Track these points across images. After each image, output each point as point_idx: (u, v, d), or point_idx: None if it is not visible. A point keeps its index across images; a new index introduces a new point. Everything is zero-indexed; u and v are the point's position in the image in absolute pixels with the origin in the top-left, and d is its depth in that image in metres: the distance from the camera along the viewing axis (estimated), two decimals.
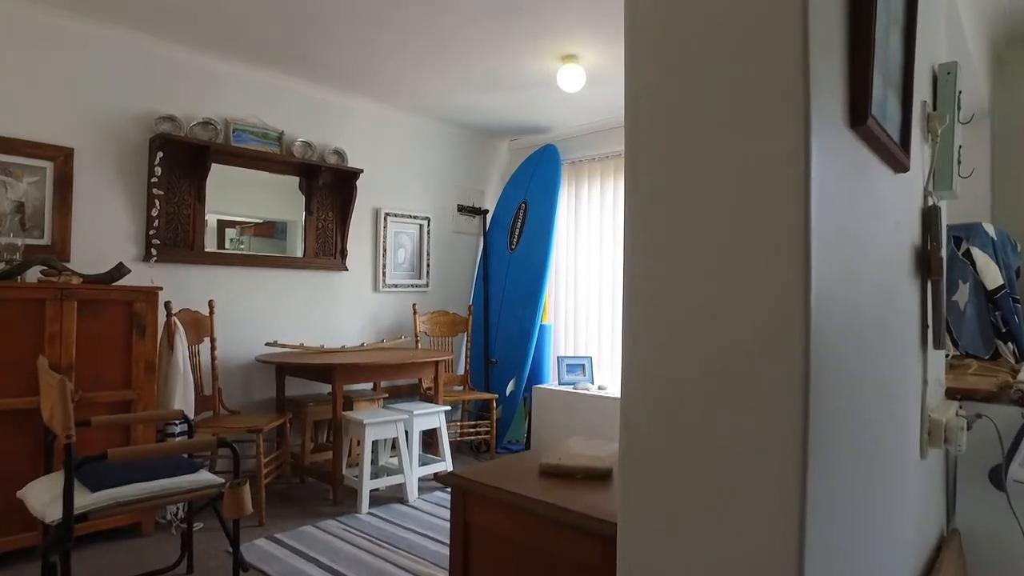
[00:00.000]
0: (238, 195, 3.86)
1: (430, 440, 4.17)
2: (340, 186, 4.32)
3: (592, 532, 1.11)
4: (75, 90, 3.24)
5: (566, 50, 3.57)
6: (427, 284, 4.94)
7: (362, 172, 4.32)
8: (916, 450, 1.34)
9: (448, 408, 3.96)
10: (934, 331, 1.42)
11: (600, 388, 4.46)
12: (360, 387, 4.31)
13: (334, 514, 3.34)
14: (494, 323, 4.97)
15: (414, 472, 3.66)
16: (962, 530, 1.65)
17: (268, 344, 3.90)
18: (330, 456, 3.71)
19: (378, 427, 3.45)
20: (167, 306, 3.22)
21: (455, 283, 5.19)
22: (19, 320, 2.64)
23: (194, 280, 3.66)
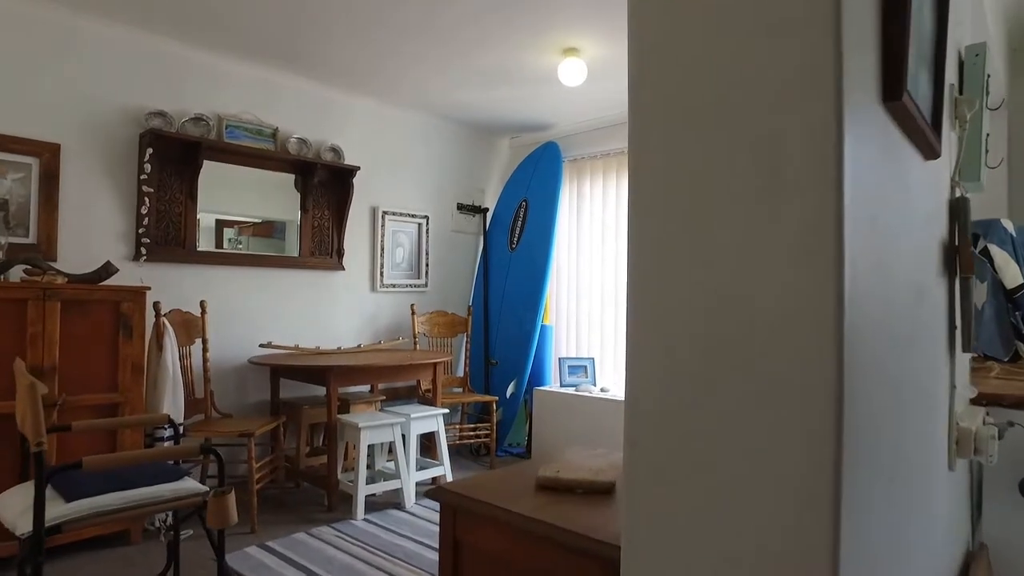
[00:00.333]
0: (232, 193, 3.77)
1: (428, 444, 4.08)
2: (336, 184, 4.22)
3: (593, 554, 1.01)
4: (62, 84, 3.15)
5: (567, 43, 3.47)
6: (426, 284, 4.84)
7: (359, 169, 4.22)
8: (944, 461, 1.24)
9: (447, 411, 3.86)
10: (962, 333, 1.32)
11: (603, 390, 4.36)
12: (357, 389, 4.22)
13: (328, 520, 3.24)
14: (494, 324, 4.87)
15: (411, 477, 3.56)
16: (990, 544, 1.55)
17: (262, 345, 3.81)
18: (326, 460, 3.61)
19: (374, 431, 3.36)
20: (156, 306, 3.13)
21: (454, 283, 5.09)
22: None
23: (186, 280, 3.56)
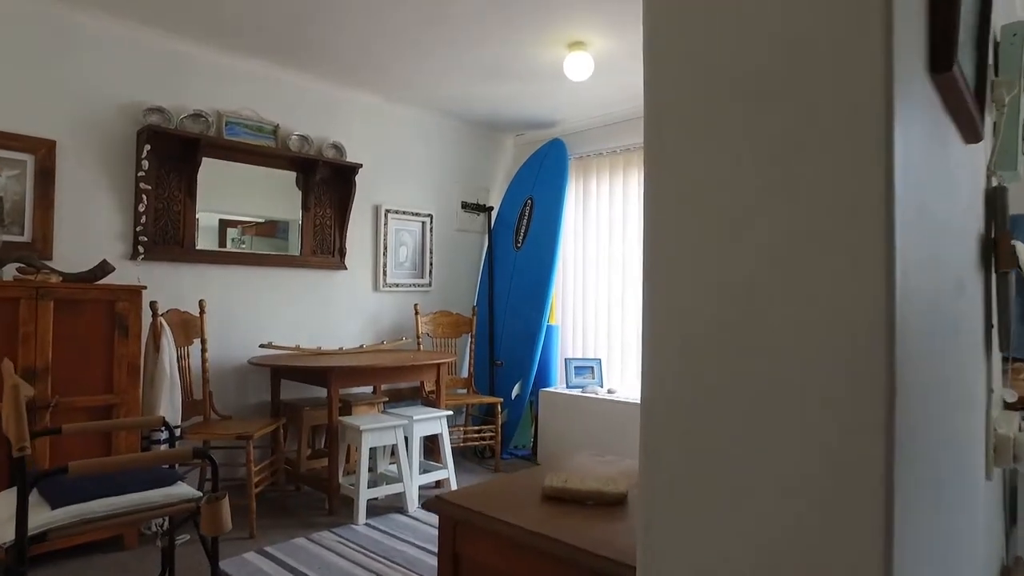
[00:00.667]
0: (232, 191, 3.70)
1: (432, 446, 4.00)
2: (338, 181, 4.15)
3: (602, 573, 0.92)
4: (58, 80, 3.09)
5: (573, 36, 3.39)
6: (429, 283, 4.76)
7: (361, 167, 4.15)
8: (982, 469, 1.15)
9: (450, 412, 3.78)
10: (999, 331, 1.23)
11: (609, 391, 4.27)
12: (359, 390, 4.14)
13: (329, 525, 3.16)
14: (499, 324, 4.79)
15: (414, 481, 3.48)
16: None
17: (262, 346, 3.74)
18: (327, 463, 3.54)
19: (376, 433, 3.28)
20: (153, 306, 3.06)
21: (459, 282, 5.01)
22: None
23: (184, 279, 3.49)
